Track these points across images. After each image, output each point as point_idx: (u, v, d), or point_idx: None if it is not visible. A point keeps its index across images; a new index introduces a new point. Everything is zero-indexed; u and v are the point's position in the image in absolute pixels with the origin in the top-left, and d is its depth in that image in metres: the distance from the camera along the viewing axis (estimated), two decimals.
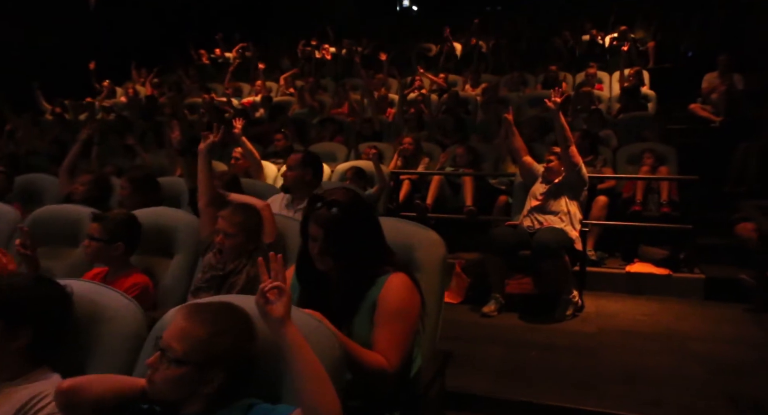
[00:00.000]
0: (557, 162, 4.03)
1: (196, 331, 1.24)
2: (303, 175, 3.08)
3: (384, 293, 1.67)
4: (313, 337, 1.32)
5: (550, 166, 4.05)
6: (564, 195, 3.97)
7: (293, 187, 3.12)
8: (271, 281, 1.33)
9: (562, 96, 4.03)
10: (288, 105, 8.17)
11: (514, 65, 8.59)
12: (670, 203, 4.69)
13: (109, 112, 8.79)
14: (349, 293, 1.69)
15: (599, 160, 5.09)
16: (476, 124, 6.67)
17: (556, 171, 4.03)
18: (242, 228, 2.29)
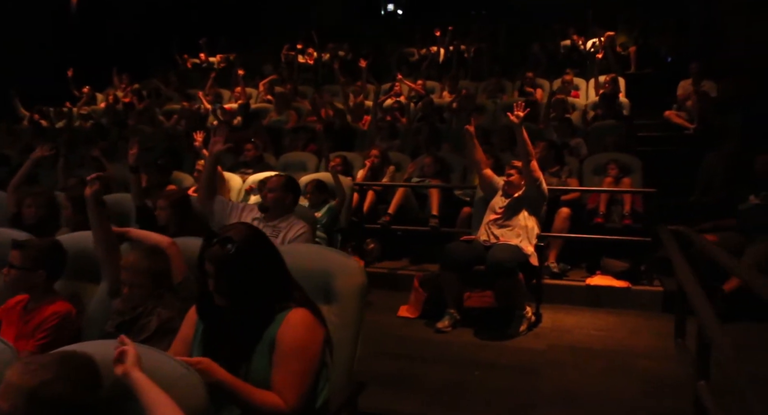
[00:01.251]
0: (517, 176, 4.03)
1: (22, 384, 1.23)
2: (283, 198, 3.12)
3: (282, 330, 1.66)
4: (179, 384, 1.32)
5: (510, 179, 4.04)
6: (523, 209, 3.97)
7: (272, 207, 3.14)
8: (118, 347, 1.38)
9: (525, 110, 4.02)
10: (265, 112, 8.16)
11: (494, 71, 8.58)
12: (633, 215, 4.68)
13: (87, 120, 8.78)
14: (245, 331, 1.68)
15: (564, 170, 5.09)
16: (450, 132, 6.65)
17: (516, 185, 4.03)
18: (148, 276, 2.18)
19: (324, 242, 4.44)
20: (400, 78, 8.38)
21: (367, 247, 5.12)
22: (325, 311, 2.03)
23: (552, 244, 4.73)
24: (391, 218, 5.00)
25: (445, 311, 3.86)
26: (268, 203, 3.09)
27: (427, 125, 6.37)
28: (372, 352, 3.38)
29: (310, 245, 2.47)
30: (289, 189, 3.08)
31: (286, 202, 3.05)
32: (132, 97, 9.55)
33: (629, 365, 3.22)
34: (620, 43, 10.60)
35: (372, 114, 6.98)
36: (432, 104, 7.26)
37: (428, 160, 5.45)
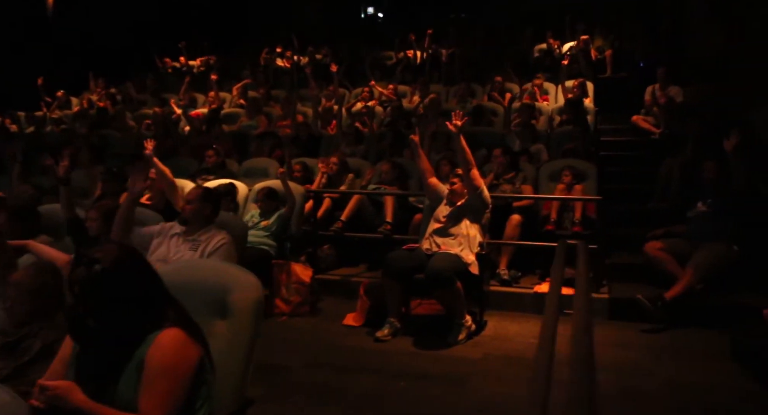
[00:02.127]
0: (460, 184, 4.05)
1: None
2: (202, 209, 3.10)
3: (151, 351, 1.66)
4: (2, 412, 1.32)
5: (453, 188, 4.06)
6: (465, 218, 3.98)
7: (191, 220, 3.13)
8: None
9: (463, 119, 4.04)
10: (236, 117, 8.16)
11: (465, 75, 8.59)
12: (584, 222, 4.70)
13: (58, 125, 8.77)
14: (115, 353, 1.68)
15: (519, 177, 5.11)
16: None
17: (460, 193, 4.04)
18: (36, 294, 2.13)
19: (273, 249, 4.46)
20: (372, 84, 8.39)
21: (321, 254, 5.13)
22: (219, 326, 2.04)
23: (503, 251, 4.74)
24: (344, 224, 5.01)
25: (386, 319, 3.87)
26: (186, 216, 3.09)
27: (390, 131, 6.39)
28: (305, 362, 3.40)
29: (204, 260, 2.45)
30: (208, 200, 3.07)
31: (205, 214, 3.05)
32: (106, 101, 9.56)
33: (557, 376, 3.22)
34: (597, 46, 10.64)
35: (337, 119, 7.00)
36: (400, 109, 7.27)
37: (386, 167, 5.46)
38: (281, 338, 3.82)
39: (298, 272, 4.36)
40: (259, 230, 4.50)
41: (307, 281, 4.34)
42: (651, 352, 3.63)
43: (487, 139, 6.10)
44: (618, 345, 3.75)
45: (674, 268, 4.28)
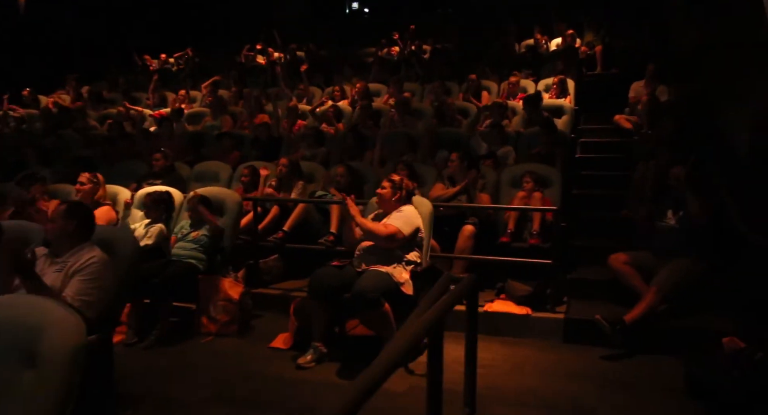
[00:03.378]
0: (389, 190, 3.69)
1: None
2: (64, 227, 2.73)
3: None
4: None
5: (380, 192, 3.70)
6: None
7: (54, 240, 2.77)
8: None
9: (351, 196, 3.68)
10: (201, 116, 7.83)
11: (442, 73, 8.20)
12: (543, 233, 4.31)
13: (20, 124, 8.47)
14: None
15: (478, 184, 4.72)
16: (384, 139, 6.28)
17: (387, 200, 3.68)
18: None
19: (202, 263, 4.12)
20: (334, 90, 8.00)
21: (265, 266, 4.77)
22: (22, 378, 1.71)
23: (455, 264, 4.37)
24: (287, 234, 4.66)
25: (310, 344, 3.51)
26: (49, 236, 2.74)
27: (351, 132, 6.02)
28: (206, 396, 3.06)
29: (11, 295, 2.08)
30: (72, 216, 2.71)
31: (69, 231, 2.69)
32: (77, 100, 9.27)
33: (484, 413, 2.85)
34: (586, 42, 10.22)
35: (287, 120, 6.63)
36: (369, 109, 6.89)
37: (340, 170, 5.11)
38: (192, 364, 3.48)
39: (226, 288, 4.01)
40: (188, 242, 4.15)
41: (236, 297, 3.99)
42: (600, 384, 3.24)
43: (451, 141, 5.73)
44: (566, 375, 3.37)
45: (639, 283, 3.90)
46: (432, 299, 2.08)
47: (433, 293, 2.15)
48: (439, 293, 2.12)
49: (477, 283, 2.37)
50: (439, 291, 2.16)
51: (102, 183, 4.63)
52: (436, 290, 2.17)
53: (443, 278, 2.39)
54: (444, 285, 2.28)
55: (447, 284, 2.32)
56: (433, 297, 2.10)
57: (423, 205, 3.95)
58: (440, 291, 2.16)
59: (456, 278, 2.36)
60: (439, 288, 2.21)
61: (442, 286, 2.25)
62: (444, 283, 2.31)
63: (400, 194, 3.72)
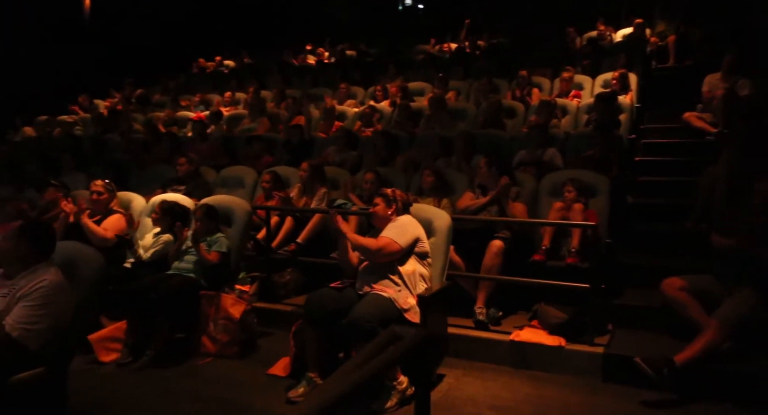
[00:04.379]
0: (383, 206, 3.29)
1: None
2: (14, 249, 2.47)
3: None
4: None
5: (374, 210, 3.30)
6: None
7: (5, 261, 2.53)
8: None
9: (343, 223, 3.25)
10: (240, 119, 7.66)
11: (492, 69, 7.65)
12: (584, 251, 3.74)
13: (72, 128, 8.64)
14: None
15: (512, 192, 4.19)
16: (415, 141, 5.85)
17: (382, 217, 3.27)
18: None
19: (205, 278, 3.85)
20: None
21: (280, 279, 4.45)
22: None
23: (480, 284, 3.88)
24: (301, 247, 4.32)
25: (304, 374, 3.14)
26: (0, 257, 2.49)
27: (381, 135, 5.62)
28: None
29: None
30: (23, 236, 2.45)
31: (21, 253, 2.43)
32: (126, 104, 9.39)
33: None
34: (658, 32, 9.35)
35: None
36: (407, 109, 6.46)
37: (369, 177, 4.73)
38: (176, 391, 3.19)
39: (227, 306, 3.71)
40: (191, 255, 3.89)
41: (237, 316, 3.68)
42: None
43: (491, 144, 5.22)
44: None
45: (698, 315, 3.26)
46: (364, 357, 1.64)
47: (368, 351, 1.71)
48: (372, 353, 1.67)
49: (427, 347, 1.89)
50: (373, 351, 1.71)
51: (114, 190, 4.46)
52: (371, 350, 1.73)
53: (386, 334, 1.93)
54: (382, 344, 1.83)
55: (388, 342, 1.86)
56: (366, 356, 1.66)
57: (440, 218, 3.50)
58: (374, 351, 1.71)
59: (401, 335, 1.90)
60: (375, 348, 1.76)
61: (380, 345, 1.80)
62: (384, 341, 1.85)
63: (395, 207, 3.32)
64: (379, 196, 3.37)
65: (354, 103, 7.62)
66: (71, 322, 2.47)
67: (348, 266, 3.38)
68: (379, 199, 3.35)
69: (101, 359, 3.56)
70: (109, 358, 3.58)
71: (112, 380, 3.35)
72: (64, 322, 2.43)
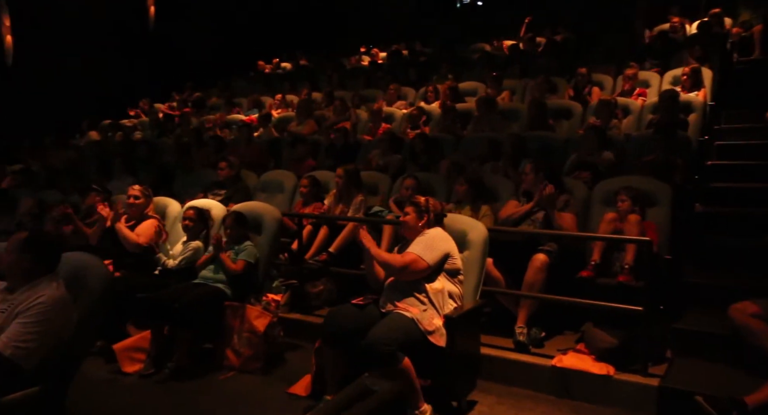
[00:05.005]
0: (414, 215, 3.03)
1: None
2: (18, 261, 2.38)
3: None
4: None
5: (405, 219, 3.05)
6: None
7: (7, 274, 2.45)
8: None
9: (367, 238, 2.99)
10: (288, 121, 7.59)
11: (551, 66, 7.22)
12: (639, 268, 3.34)
13: (132, 132, 8.87)
14: None
15: (560, 200, 3.84)
16: (460, 145, 5.55)
17: (413, 228, 3.02)
18: None
19: (231, 288, 3.73)
20: None
21: (314, 289, 4.29)
22: None
23: (521, 302, 3.55)
24: (333, 256, 4.13)
25: (322, 397, 2.93)
26: (3, 269, 2.41)
27: (420, 138, 5.35)
28: None
29: None
30: (27, 249, 2.35)
31: (24, 267, 2.32)
32: (183, 108, 9.55)
33: None
34: (741, 21, 8.60)
35: None
36: (452, 111, 6.16)
37: (408, 183, 4.49)
38: (191, 408, 3.06)
39: (251, 318, 3.57)
40: (218, 264, 3.77)
41: (260, 329, 3.53)
42: None
43: (543, 148, 4.85)
44: None
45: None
46: None
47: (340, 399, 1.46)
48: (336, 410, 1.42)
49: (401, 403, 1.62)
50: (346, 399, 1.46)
51: (151, 195, 4.42)
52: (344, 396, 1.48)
53: (355, 386, 1.68)
54: (355, 391, 1.57)
55: (360, 391, 1.61)
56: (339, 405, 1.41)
57: (475, 230, 3.22)
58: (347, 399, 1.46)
59: (372, 390, 1.64)
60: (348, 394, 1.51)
61: (352, 392, 1.55)
62: (356, 389, 1.60)
63: (427, 218, 3.05)
64: (410, 205, 3.11)
65: (404, 105, 7.37)
66: (73, 338, 2.37)
67: (374, 281, 3.15)
68: (410, 209, 3.10)
69: (124, 370, 3.49)
70: (133, 368, 3.51)
71: (131, 392, 3.27)
72: (64, 339, 2.33)
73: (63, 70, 10.14)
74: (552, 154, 4.89)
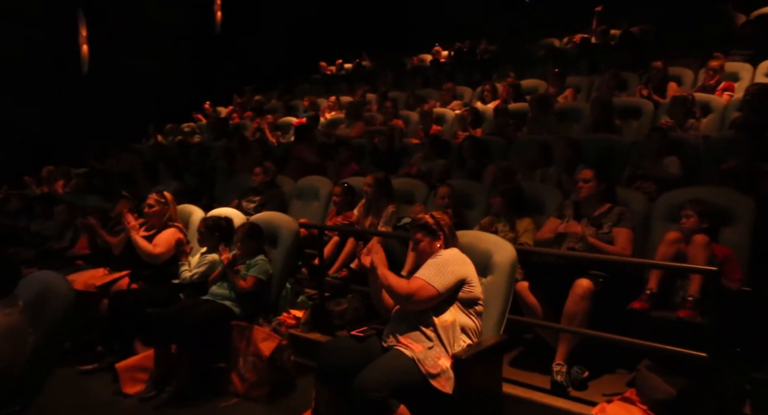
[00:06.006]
0: (427, 240, 2.60)
1: None
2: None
3: None
4: None
5: (420, 247, 2.62)
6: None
7: None
8: None
9: (377, 253, 2.61)
10: (337, 123, 7.31)
11: (623, 61, 6.51)
12: (706, 301, 2.74)
13: (191, 136, 8.92)
14: None
15: (612, 214, 3.27)
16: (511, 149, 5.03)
17: (429, 252, 2.59)
18: None
19: (240, 306, 3.46)
20: None
21: (338, 307, 3.94)
22: None
23: (561, 334, 3.03)
24: (353, 273, 3.77)
25: None
26: None
27: (467, 141, 4.88)
28: None
29: None
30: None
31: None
32: (242, 111, 9.53)
33: None
34: None
35: None
36: (506, 112, 5.62)
37: (443, 191, 4.06)
38: None
39: (257, 341, 3.27)
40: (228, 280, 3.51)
41: (266, 354, 3.22)
42: None
43: (605, 152, 4.26)
44: None
45: None
46: None
47: None
48: None
49: None
50: None
51: (171, 202, 4.23)
52: None
53: None
54: None
55: None
56: None
57: (502, 251, 2.75)
58: None
59: None
60: None
61: None
62: None
63: (443, 235, 2.62)
64: (418, 231, 2.68)
65: (459, 105, 6.90)
66: (25, 370, 2.14)
67: (381, 308, 2.76)
68: (420, 235, 2.67)
69: (125, 391, 3.30)
70: (134, 390, 3.31)
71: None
72: (14, 369, 2.11)
73: (134, 76, 10.43)
74: (614, 160, 4.29)
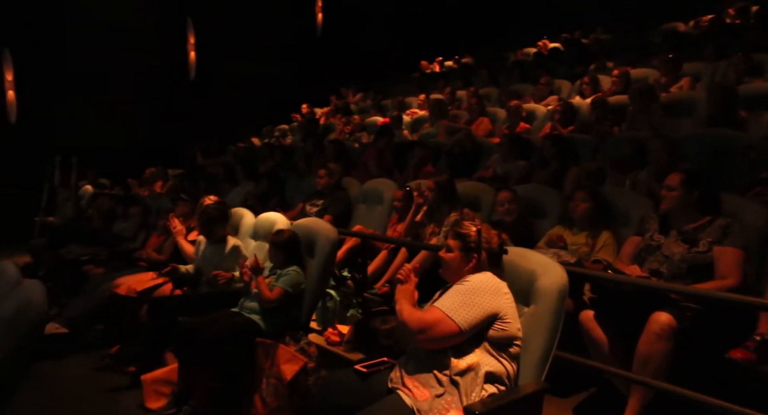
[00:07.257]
0: (458, 253, 2.11)
1: None
2: None
3: None
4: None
5: (447, 258, 2.16)
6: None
7: None
8: None
9: (411, 279, 2.21)
10: (421, 123, 6.89)
11: (757, 42, 5.46)
12: None
13: (284, 137, 8.95)
14: None
15: (713, 228, 2.55)
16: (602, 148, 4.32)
17: (456, 269, 2.11)
18: None
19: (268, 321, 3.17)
20: None
21: (381, 325, 3.52)
22: None
23: (631, 387, 2.38)
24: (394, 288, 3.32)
25: None
26: None
27: (548, 139, 4.24)
28: None
29: None
30: None
31: None
32: (335, 112, 9.42)
33: None
34: None
35: None
36: (604, 105, 4.87)
37: (503, 196, 3.52)
38: None
39: (280, 362, 2.95)
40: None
41: (287, 377, 2.89)
42: None
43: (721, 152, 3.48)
44: None
45: None
46: None
47: None
48: None
49: None
50: None
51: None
52: None
53: None
54: None
55: None
56: None
57: (550, 273, 2.17)
58: None
59: None
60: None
61: None
62: None
63: (476, 260, 2.10)
64: (455, 238, 2.19)
65: (555, 100, 6.20)
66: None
67: (403, 338, 2.31)
68: (454, 243, 2.18)
69: (147, 405, 3.12)
70: (157, 405, 3.12)
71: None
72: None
73: (238, 79, 10.75)
74: (731, 160, 3.48)
